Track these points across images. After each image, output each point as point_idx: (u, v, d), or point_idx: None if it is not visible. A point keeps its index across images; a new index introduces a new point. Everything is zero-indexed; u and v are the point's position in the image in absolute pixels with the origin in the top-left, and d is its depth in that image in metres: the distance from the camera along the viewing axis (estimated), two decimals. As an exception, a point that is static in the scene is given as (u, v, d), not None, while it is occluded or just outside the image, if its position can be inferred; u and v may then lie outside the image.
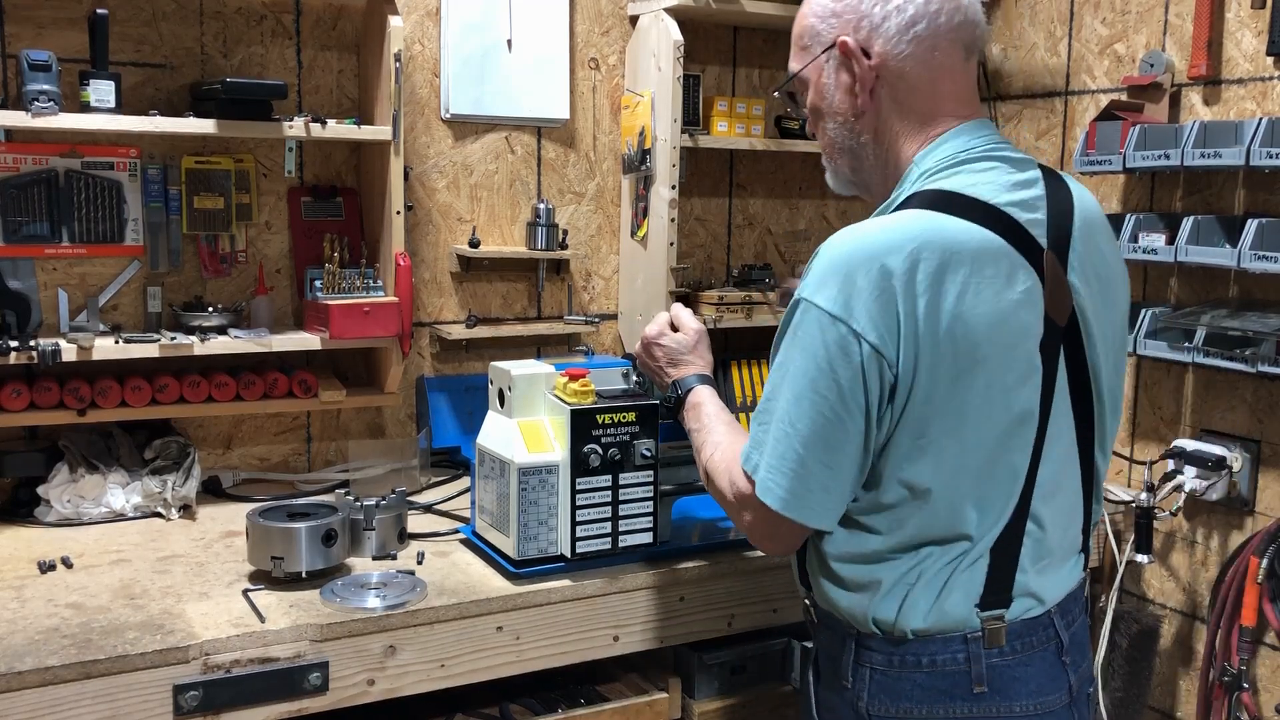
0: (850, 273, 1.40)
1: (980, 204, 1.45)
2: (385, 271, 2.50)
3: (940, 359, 1.41)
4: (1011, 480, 1.48)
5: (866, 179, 1.61)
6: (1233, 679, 2.42)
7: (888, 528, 1.48)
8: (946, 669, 1.48)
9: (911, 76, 1.51)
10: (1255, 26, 2.42)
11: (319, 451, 2.67)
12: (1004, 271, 1.43)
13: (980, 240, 1.42)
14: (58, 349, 2.19)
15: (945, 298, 1.40)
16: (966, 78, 1.55)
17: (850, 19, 1.51)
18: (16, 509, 2.29)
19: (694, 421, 1.77)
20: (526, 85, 2.79)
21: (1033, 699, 1.50)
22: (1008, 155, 1.53)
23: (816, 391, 1.41)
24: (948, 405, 1.43)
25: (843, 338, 1.39)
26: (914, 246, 1.40)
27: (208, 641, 1.70)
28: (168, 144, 2.42)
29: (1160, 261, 2.47)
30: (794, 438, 1.44)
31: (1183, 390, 2.62)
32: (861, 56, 1.51)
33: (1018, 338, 1.45)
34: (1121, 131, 2.51)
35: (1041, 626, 1.52)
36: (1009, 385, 1.45)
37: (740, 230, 3.15)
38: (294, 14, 2.55)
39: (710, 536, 2.17)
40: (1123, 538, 2.61)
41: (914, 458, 1.44)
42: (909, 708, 1.49)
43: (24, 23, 2.30)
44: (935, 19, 1.49)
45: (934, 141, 1.53)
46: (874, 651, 1.51)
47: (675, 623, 2.06)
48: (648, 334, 1.91)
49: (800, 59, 1.60)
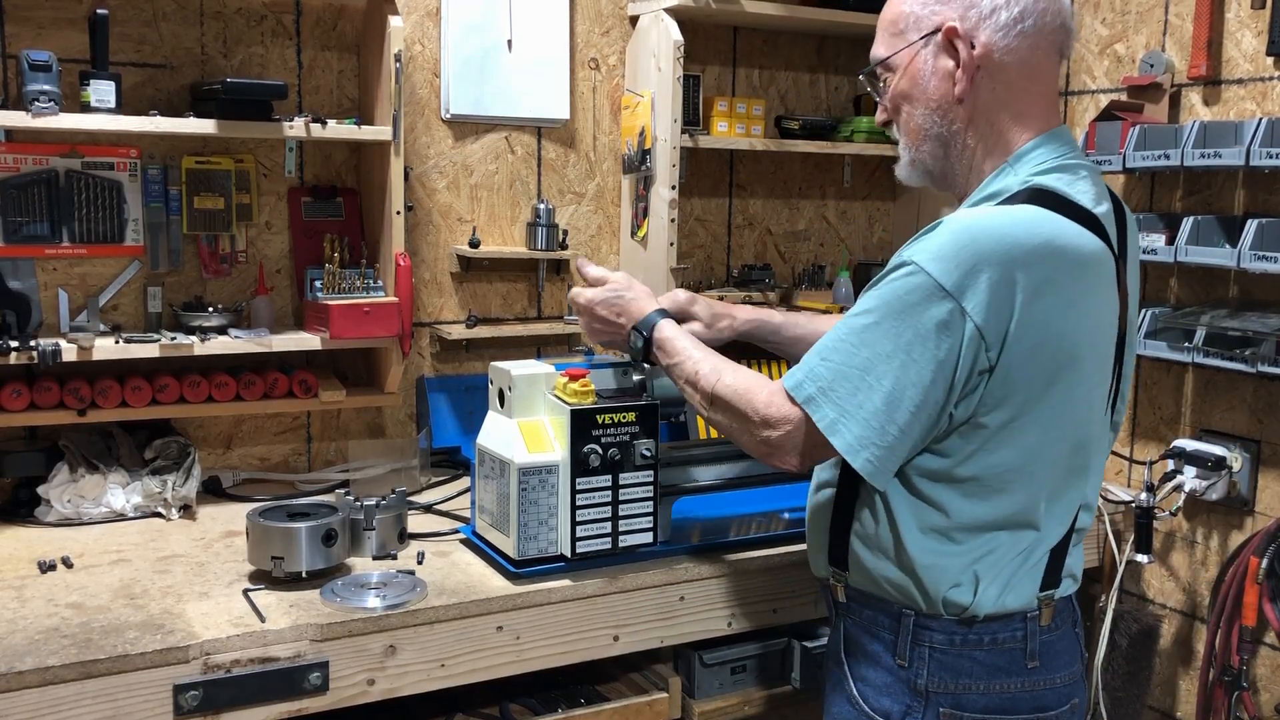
0: (974, 254, 1.42)
1: (1087, 212, 1.50)
2: (385, 271, 2.50)
3: (1043, 355, 1.46)
4: (1082, 475, 1.57)
5: (949, 169, 1.63)
6: (1233, 679, 2.42)
7: (959, 508, 1.52)
8: (1006, 646, 1.56)
9: (1011, 71, 1.54)
10: (1255, 26, 2.42)
11: (319, 451, 2.67)
12: (1105, 281, 1.52)
13: (1092, 249, 1.49)
14: (58, 349, 2.19)
15: (1060, 298, 1.45)
16: (1056, 79, 1.61)
17: (958, 6, 1.54)
18: (16, 509, 2.29)
19: (668, 356, 1.77)
20: (526, 85, 2.79)
21: (1067, 669, 1.62)
22: (1088, 164, 1.59)
23: (909, 354, 1.43)
24: (1041, 400, 1.48)
25: (950, 313, 1.42)
26: (1039, 244, 1.43)
27: (208, 641, 1.70)
28: (168, 144, 2.42)
29: (1160, 261, 2.47)
30: (876, 391, 1.45)
31: (1183, 390, 2.62)
32: (967, 44, 1.53)
33: (1107, 343, 1.55)
34: (1121, 132, 2.51)
35: (1069, 602, 1.64)
36: (1093, 387, 1.54)
37: (740, 230, 3.15)
38: (294, 14, 2.55)
39: (710, 536, 2.17)
40: (1123, 538, 2.61)
41: (1000, 443, 1.49)
42: (968, 683, 1.56)
43: (24, 23, 2.30)
44: (1042, 17, 1.53)
45: (1031, 141, 1.56)
46: (935, 631, 1.57)
47: (675, 623, 2.06)
48: (581, 302, 1.91)
49: (892, 44, 1.60)
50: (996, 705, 1.56)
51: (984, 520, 1.52)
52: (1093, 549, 2.62)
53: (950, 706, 1.56)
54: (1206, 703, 2.48)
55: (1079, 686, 1.65)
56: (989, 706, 1.56)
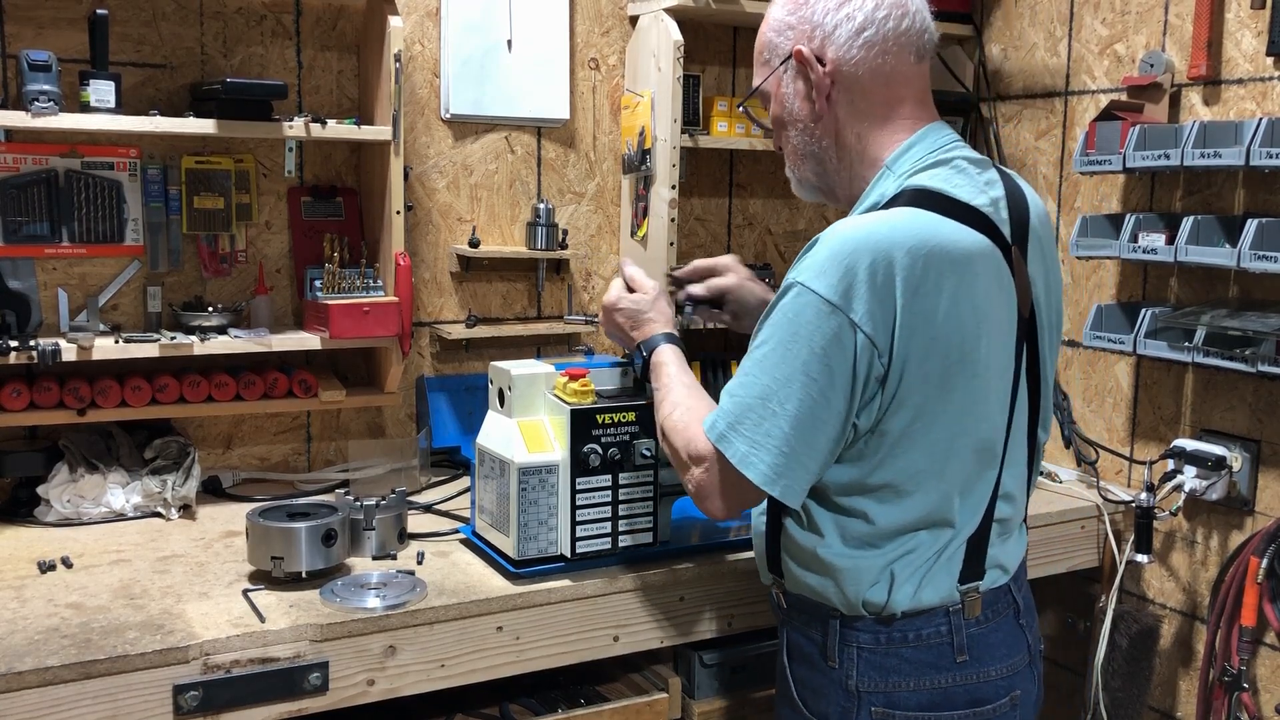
0: (852, 264, 1.45)
1: (965, 206, 1.53)
2: (385, 271, 2.50)
3: (933, 354, 1.48)
4: (991, 467, 1.58)
5: (831, 183, 1.69)
6: (1233, 679, 2.42)
7: (878, 514, 1.55)
8: (931, 642, 1.57)
9: (865, 80, 1.60)
10: (1255, 27, 2.42)
11: (319, 451, 2.67)
12: (992, 272, 1.53)
13: (971, 242, 1.51)
14: (58, 349, 2.19)
15: (941, 296, 1.47)
16: (920, 80, 1.64)
17: (804, 30, 1.61)
18: (16, 509, 2.29)
19: (656, 381, 1.80)
20: (526, 85, 2.79)
21: (1004, 662, 1.61)
22: (970, 156, 1.62)
23: (808, 375, 1.47)
24: (939, 398, 1.51)
25: (840, 326, 1.45)
26: (914, 244, 1.46)
27: (208, 641, 1.70)
28: (168, 144, 2.42)
29: (1160, 261, 2.47)
30: (781, 417, 1.49)
31: (1183, 390, 2.62)
32: (816, 64, 1.60)
33: (1002, 334, 1.55)
34: (1121, 131, 2.51)
35: (1004, 594, 1.64)
36: (993, 378, 1.55)
37: (740, 230, 3.15)
38: (294, 14, 2.55)
39: (710, 536, 2.17)
40: (1123, 538, 2.61)
41: (906, 446, 1.52)
42: (898, 681, 1.58)
43: (24, 23, 2.30)
44: (884, 24, 1.57)
45: (903, 144, 1.61)
46: (860, 632, 1.59)
47: (675, 623, 2.06)
48: (607, 300, 1.93)
49: (760, 73, 1.70)
50: (929, 701, 1.57)
51: (903, 523, 1.55)
52: (1093, 549, 2.63)
53: (883, 705, 1.58)
54: (1206, 703, 2.48)
55: (1021, 678, 1.64)
56: (922, 703, 1.57)
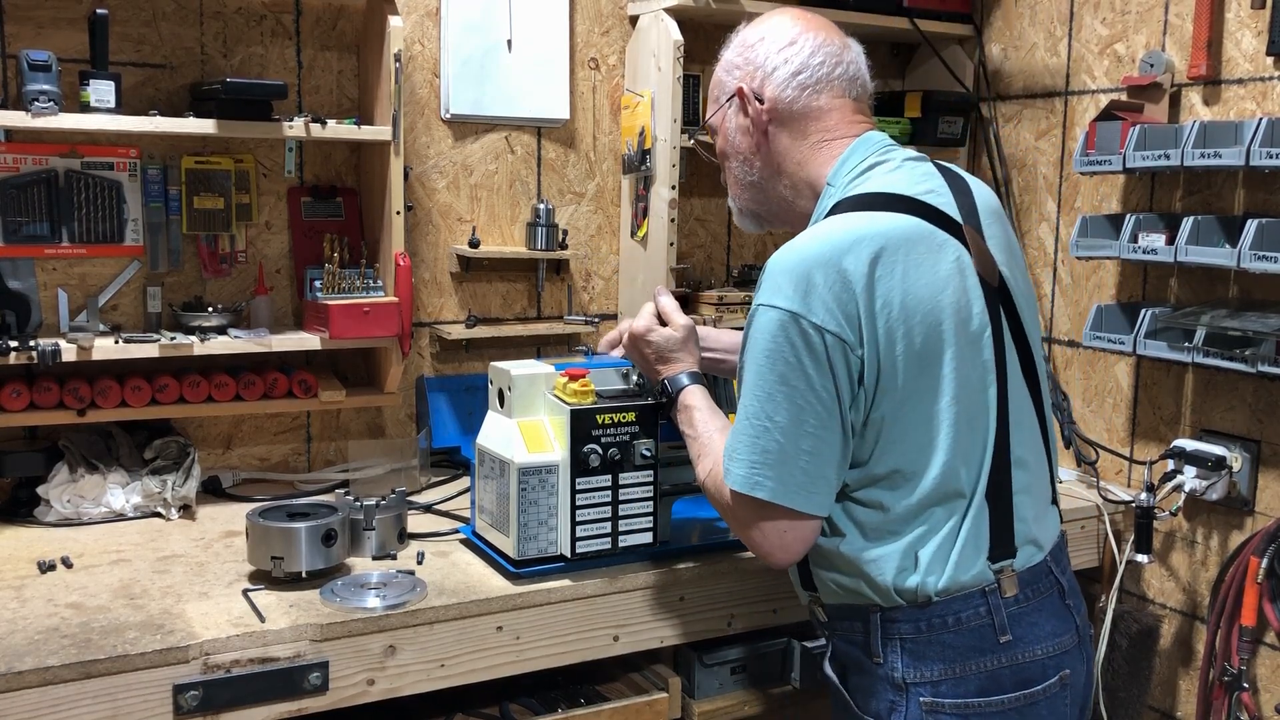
0: (805, 273, 1.53)
1: (900, 197, 1.61)
2: (385, 271, 2.50)
3: (902, 336, 1.53)
4: (985, 429, 1.60)
5: (774, 209, 1.82)
6: (1233, 679, 2.42)
7: (891, 500, 1.58)
8: (971, 625, 1.58)
9: (799, 115, 1.73)
10: (1255, 26, 2.42)
11: (319, 451, 2.67)
12: (934, 247, 1.59)
13: (908, 226, 1.59)
14: (58, 349, 2.19)
15: (893, 279, 1.53)
16: (850, 106, 1.75)
17: (748, 70, 1.76)
18: (16, 509, 2.29)
19: (688, 427, 1.81)
20: (526, 85, 2.79)
21: (1051, 640, 1.62)
22: (905, 156, 1.72)
23: (788, 385, 1.52)
24: (920, 374, 1.55)
25: (804, 332, 1.51)
26: (855, 240, 1.54)
27: (208, 641, 1.70)
28: (168, 144, 2.42)
29: (1160, 261, 2.47)
30: (773, 431, 1.53)
31: (1183, 390, 2.62)
32: (754, 100, 1.74)
33: (964, 299, 1.59)
34: (1121, 131, 2.51)
35: (1044, 574, 1.64)
36: (970, 342, 1.59)
37: (740, 230, 3.15)
38: (294, 14, 2.55)
39: (710, 536, 2.17)
40: (1123, 538, 2.61)
41: (901, 429, 1.56)
42: (944, 668, 1.58)
43: (24, 23, 2.30)
44: (818, 69, 1.72)
45: (839, 159, 1.70)
46: (901, 623, 1.59)
47: (675, 623, 2.06)
48: (636, 329, 1.93)
49: (711, 109, 1.84)
50: (977, 688, 1.57)
51: (916, 503, 1.57)
52: (1093, 549, 2.63)
53: (931, 695, 1.57)
54: (1206, 703, 2.48)
55: (1070, 657, 1.64)
56: (969, 690, 1.57)
